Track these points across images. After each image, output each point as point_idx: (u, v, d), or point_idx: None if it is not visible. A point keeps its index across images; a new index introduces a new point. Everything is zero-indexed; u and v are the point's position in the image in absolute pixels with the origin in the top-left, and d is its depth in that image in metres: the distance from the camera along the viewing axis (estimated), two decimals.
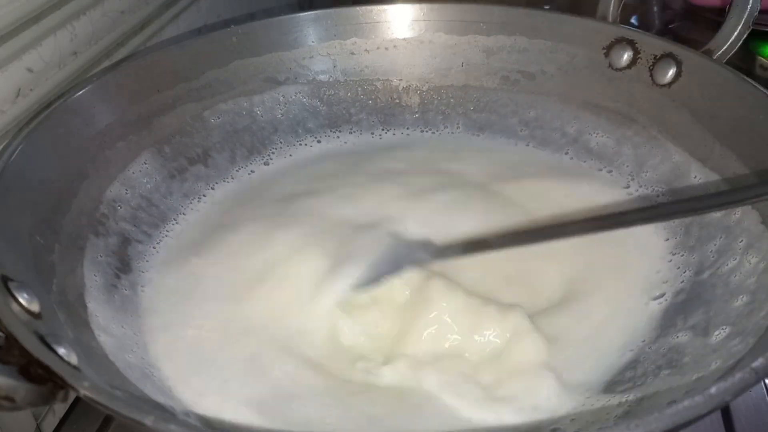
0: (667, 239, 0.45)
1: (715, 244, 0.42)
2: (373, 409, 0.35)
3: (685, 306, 0.40)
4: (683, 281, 0.42)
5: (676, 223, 0.45)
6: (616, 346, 0.39)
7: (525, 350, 0.38)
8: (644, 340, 0.39)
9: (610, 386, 0.37)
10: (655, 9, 0.77)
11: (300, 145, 0.56)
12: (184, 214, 0.49)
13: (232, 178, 0.53)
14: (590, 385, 0.37)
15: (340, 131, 0.57)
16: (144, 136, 0.48)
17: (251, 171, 0.54)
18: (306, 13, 0.55)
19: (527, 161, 0.54)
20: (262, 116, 0.54)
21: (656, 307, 0.41)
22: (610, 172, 0.51)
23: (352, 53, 0.56)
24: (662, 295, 0.42)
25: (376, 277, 0.40)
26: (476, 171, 0.52)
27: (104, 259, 0.42)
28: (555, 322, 0.40)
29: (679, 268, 0.43)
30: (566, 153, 0.54)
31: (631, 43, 0.50)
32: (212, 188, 0.51)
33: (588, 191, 0.50)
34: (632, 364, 0.38)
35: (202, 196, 0.51)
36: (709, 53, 0.47)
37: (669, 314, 0.41)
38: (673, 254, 0.44)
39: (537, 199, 0.49)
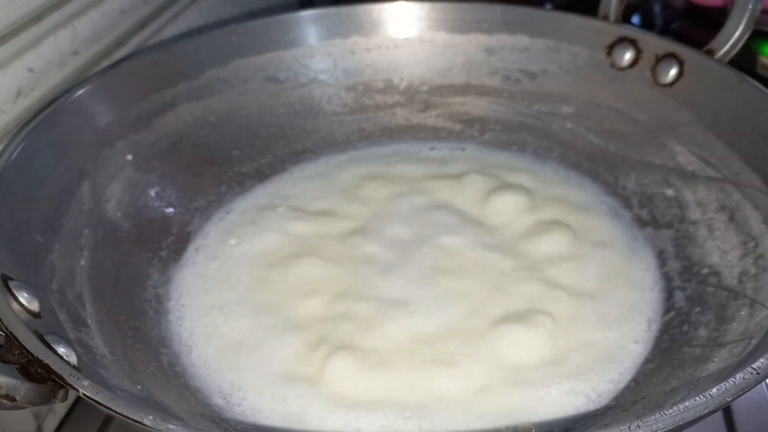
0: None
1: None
2: None
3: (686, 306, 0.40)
4: (684, 281, 0.42)
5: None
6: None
7: None
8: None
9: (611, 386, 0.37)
10: (657, 8, 0.77)
11: None
12: None
13: None
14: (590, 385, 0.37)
15: None
16: (144, 135, 0.48)
17: None
18: (306, 12, 0.55)
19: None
20: None
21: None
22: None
23: (353, 52, 0.56)
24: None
25: None
26: None
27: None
28: (557, 318, 0.40)
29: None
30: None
31: (633, 43, 0.50)
32: None
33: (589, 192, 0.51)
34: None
35: None
36: (710, 53, 0.47)
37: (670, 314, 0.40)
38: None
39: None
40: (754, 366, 0.27)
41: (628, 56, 0.51)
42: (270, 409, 0.36)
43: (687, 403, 0.25)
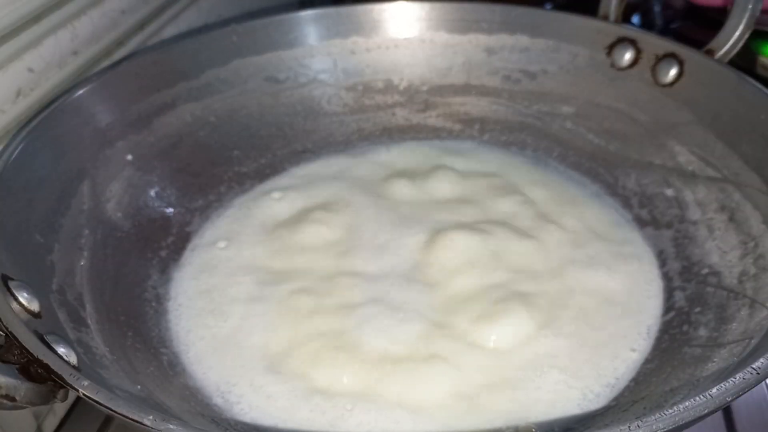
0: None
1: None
2: None
3: (686, 306, 0.40)
4: (684, 281, 0.42)
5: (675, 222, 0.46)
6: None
7: None
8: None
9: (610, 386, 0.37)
10: (657, 8, 0.77)
11: None
12: None
13: None
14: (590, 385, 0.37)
15: None
16: (144, 135, 0.48)
17: None
18: (307, 12, 0.55)
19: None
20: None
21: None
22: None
23: (353, 52, 0.56)
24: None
25: None
26: None
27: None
28: (560, 318, 0.40)
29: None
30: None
31: (633, 43, 0.50)
32: None
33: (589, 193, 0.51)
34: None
35: None
36: (710, 53, 0.47)
37: (670, 314, 0.40)
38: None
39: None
40: (754, 366, 0.27)
41: (628, 56, 0.51)
42: (265, 406, 0.36)
43: (687, 403, 0.25)
